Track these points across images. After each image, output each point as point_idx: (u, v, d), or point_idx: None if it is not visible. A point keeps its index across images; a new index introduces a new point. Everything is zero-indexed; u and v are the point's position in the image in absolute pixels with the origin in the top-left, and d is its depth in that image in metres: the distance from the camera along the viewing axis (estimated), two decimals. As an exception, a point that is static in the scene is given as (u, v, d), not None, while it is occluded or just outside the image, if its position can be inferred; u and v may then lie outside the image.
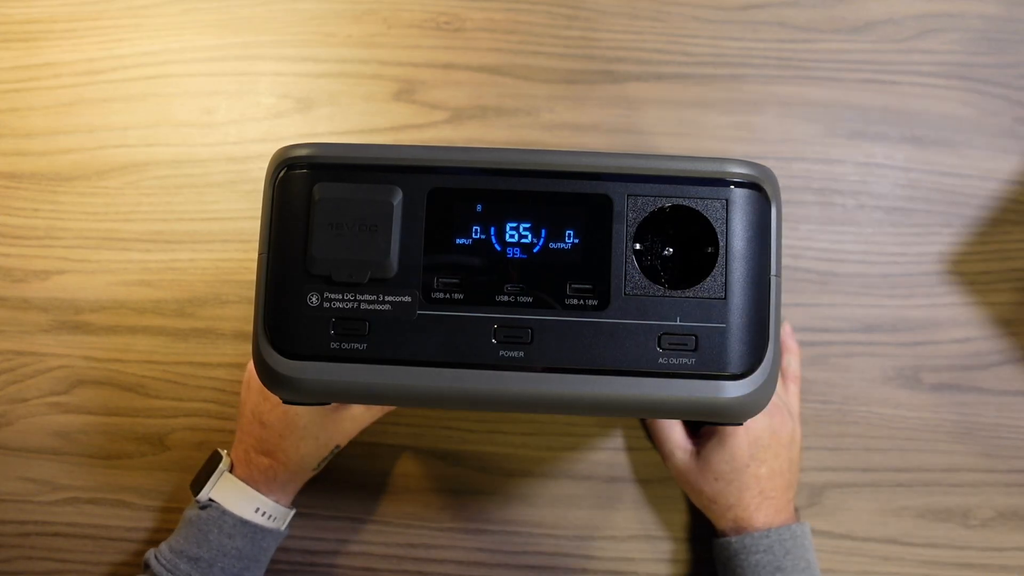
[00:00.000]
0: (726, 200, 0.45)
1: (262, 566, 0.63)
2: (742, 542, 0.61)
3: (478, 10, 0.74)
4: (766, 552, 0.60)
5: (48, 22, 0.75)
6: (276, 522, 0.63)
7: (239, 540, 0.61)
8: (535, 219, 0.46)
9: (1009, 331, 0.69)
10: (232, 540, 0.61)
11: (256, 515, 0.62)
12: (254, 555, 0.62)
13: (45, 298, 0.71)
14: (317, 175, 0.46)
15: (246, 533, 0.61)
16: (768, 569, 0.60)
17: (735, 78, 0.72)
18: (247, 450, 0.63)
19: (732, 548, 0.61)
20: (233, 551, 0.60)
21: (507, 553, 0.68)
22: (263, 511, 0.62)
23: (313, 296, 0.46)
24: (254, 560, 0.62)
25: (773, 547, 0.60)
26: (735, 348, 0.45)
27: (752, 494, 0.61)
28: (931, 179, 0.71)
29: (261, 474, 0.62)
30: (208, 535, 0.61)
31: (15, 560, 0.69)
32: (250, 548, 0.61)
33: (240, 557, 0.61)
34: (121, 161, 0.73)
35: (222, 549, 0.60)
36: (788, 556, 0.60)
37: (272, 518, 0.63)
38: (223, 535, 0.60)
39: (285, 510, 0.64)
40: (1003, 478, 0.68)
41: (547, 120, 0.72)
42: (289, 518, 0.65)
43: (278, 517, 0.63)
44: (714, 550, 0.64)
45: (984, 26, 0.73)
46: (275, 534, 0.63)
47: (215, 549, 0.60)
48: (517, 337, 0.45)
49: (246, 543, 0.61)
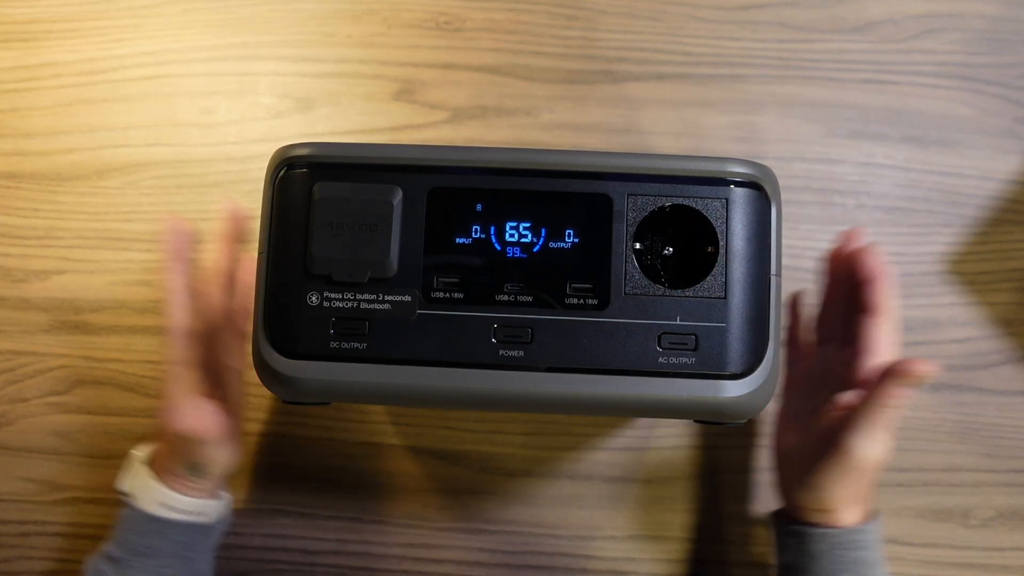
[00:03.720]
0: (726, 200, 0.46)
1: (189, 564, 0.58)
2: (848, 536, 0.55)
3: (478, 10, 0.74)
4: (871, 548, 0.56)
5: (48, 22, 0.75)
6: (190, 516, 0.58)
7: (150, 537, 0.56)
8: (535, 219, 0.46)
9: (1009, 331, 0.69)
10: (143, 537, 0.57)
11: (161, 508, 0.57)
12: (177, 552, 0.57)
13: (45, 298, 0.71)
14: (317, 174, 0.46)
15: (158, 529, 0.57)
16: (867, 565, 0.55)
17: (735, 78, 0.72)
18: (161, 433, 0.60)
19: (830, 542, 0.56)
20: (147, 549, 0.56)
21: (507, 553, 0.68)
22: (172, 506, 0.57)
23: (313, 295, 0.46)
24: (176, 557, 0.57)
25: (877, 543, 0.56)
26: (735, 347, 0.45)
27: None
28: (931, 179, 0.71)
29: (162, 459, 0.58)
30: (122, 532, 0.57)
31: (15, 560, 0.69)
32: (168, 546, 0.57)
33: (158, 555, 0.56)
34: (121, 161, 0.73)
35: (134, 548, 0.57)
36: (881, 551, 0.57)
37: (183, 511, 0.57)
38: (134, 532, 0.57)
39: (202, 502, 0.58)
40: (1003, 478, 0.68)
41: (547, 120, 0.72)
42: (214, 508, 0.60)
43: (196, 510, 0.58)
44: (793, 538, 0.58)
45: (984, 26, 0.73)
46: (199, 528, 0.58)
47: (129, 548, 0.57)
48: (517, 337, 0.45)
49: (162, 541, 0.57)
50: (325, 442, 0.69)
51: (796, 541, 0.58)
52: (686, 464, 0.69)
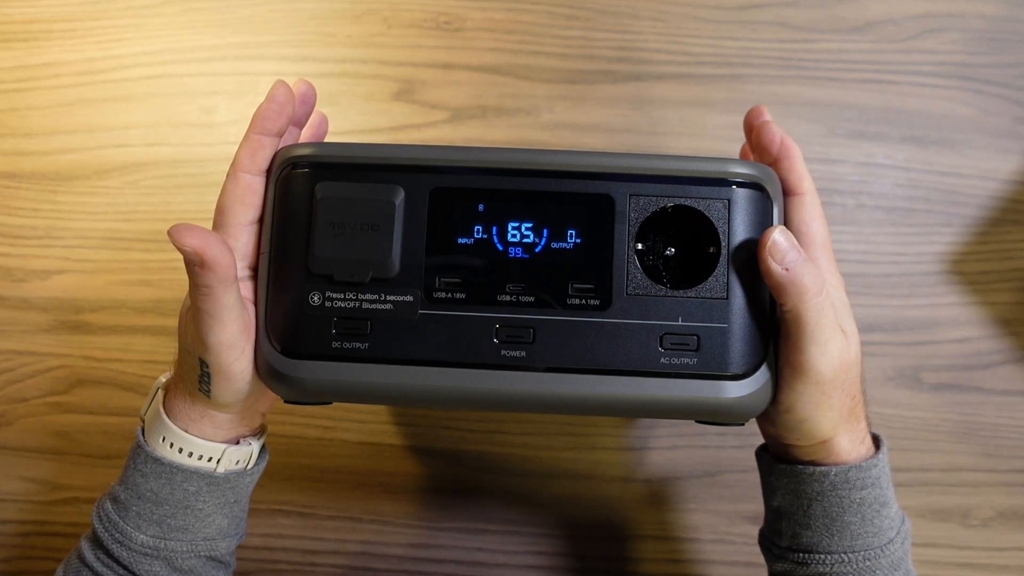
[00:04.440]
0: (728, 200, 0.46)
1: (200, 516, 0.51)
2: (845, 475, 0.48)
3: (478, 10, 0.74)
4: (874, 486, 0.49)
5: (48, 22, 0.75)
6: (201, 460, 0.51)
7: (152, 480, 0.50)
8: (537, 219, 0.46)
9: (1009, 331, 0.69)
10: (145, 479, 0.50)
11: (166, 447, 0.50)
12: (178, 500, 0.50)
13: (45, 298, 0.71)
14: (319, 174, 0.46)
15: (160, 472, 0.50)
16: (874, 506, 0.49)
17: (735, 78, 0.72)
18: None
19: (829, 481, 0.49)
20: (148, 493, 0.50)
21: (507, 553, 0.68)
22: (173, 443, 0.50)
23: (315, 295, 0.46)
24: (182, 507, 0.51)
25: (880, 479, 0.49)
26: (737, 348, 0.45)
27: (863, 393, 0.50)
28: (931, 179, 0.71)
29: (171, 395, 0.51)
30: (127, 470, 0.51)
31: (15, 560, 0.69)
32: (168, 491, 0.50)
33: (157, 501, 0.50)
34: (121, 161, 0.73)
35: (136, 489, 0.50)
36: (890, 486, 0.50)
37: (191, 454, 0.50)
38: (137, 472, 0.51)
39: (206, 443, 0.51)
40: (1003, 478, 0.68)
41: (547, 120, 0.72)
42: (225, 455, 0.51)
43: (200, 453, 0.51)
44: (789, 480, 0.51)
45: (984, 26, 0.73)
46: (204, 476, 0.51)
47: (131, 489, 0.51)
48: (519, 337, 0.45)
49: (161, 484, 0.50)
50: (325, 442, 0.69)
51: (788, 482, 0.51)
52: (686, 464, 0.69)
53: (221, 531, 0.53)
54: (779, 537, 0.53)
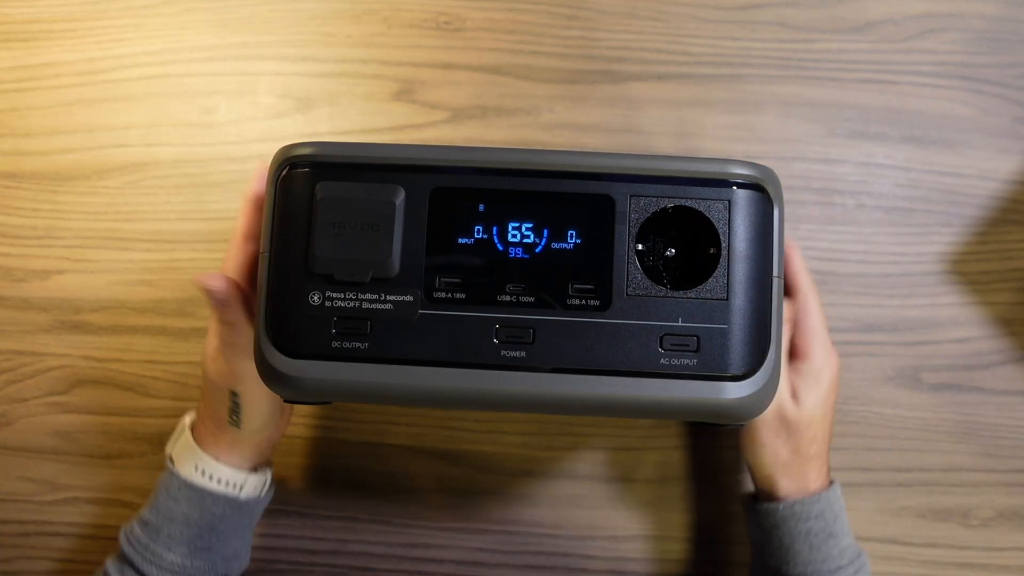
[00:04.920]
0: (728, 201, 0.46)
1: (222, 537, 0.59)
2: (791, 509, 0.57)
3: (478, 10, 0.74)
4: (818, 518, 0.57)
5: (48, 22, 0.75)
6: (227, 486, 0.58)
7: (184, 504, 0.57)
8: (537, 219, 0.46)
9: (1009, 331, 0.69)
10: (178, 504, 0.57)
11: (199, 475, 0.57)
12: (207, 523, 0.57)
13: (45, 298, 0.71)
14: (319, 174, 0.46)
15: (191, 497, 0.57)
16: (821, 536, 0.56)
17: (735, 78, 0.72)
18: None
19: (779, 515, 0.57)
20: (180, 516, 0.57)
21: (507, 553, 0.68)
22: (204, 470, 0.58)
23: (315, 295, 0.46)
24: (208, 529, 0.57)
25: (824, 512, 0.57)
26: (737, 349, 0.45)
27: (826, 445, 0.59)
28: (931, 179, 0.71)
29: (199, 430, 0.59)
30: (159, 497, 0.58)
31: (15, 560, 0.69)
32: (199, 514, 0.57)
33: (187, 523, 0.57)
34: (121, 161, 0.73)
35: (168, 513, 0.57)
36: (837, 521, 0.57)
37: (219, 480, 0.58)
38: (170, 498, 0.57)
39: (233, 471, 0.58)
40: (1003, 478, 0.68)
41: (547, 120, 0.72)
42: (248, 483, 0.59)
43: (227, 480, 0.58)
44: (754, 515, 0.60)
45: (984, 26, 0.73)
46: (230, 501, 0.58)
47: (163, 513, 0.57)
48: (519, 337, 0.45)
49: (192, 508, 0.57)
50: (325, 442, 0.69)
51: (755, 518, 0.60)
52: (686, 464, 0.69)
53: (235, 552, 0.61)
54: (755, 566, 0.62)
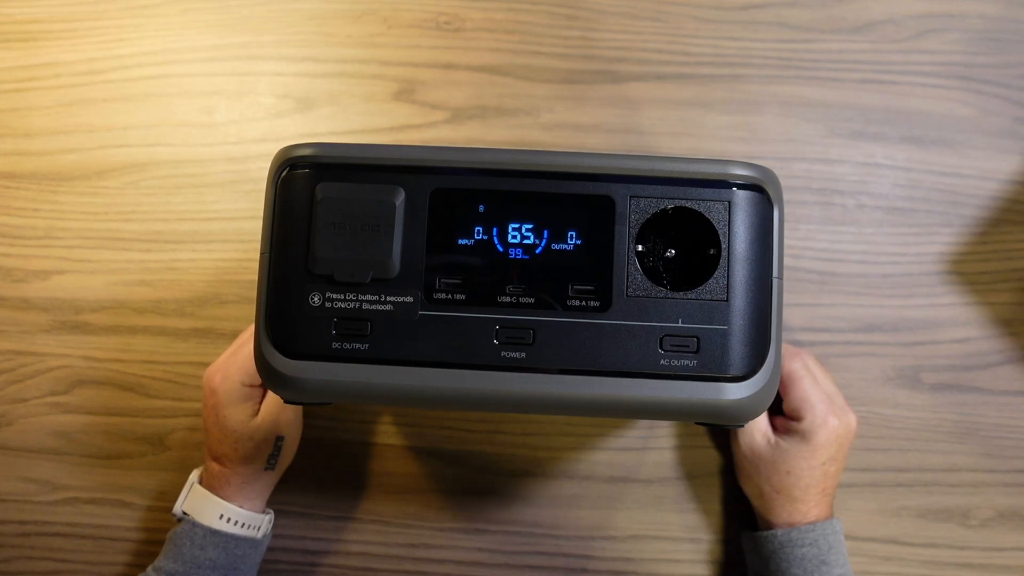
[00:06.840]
0: (728, 202, 0.45)
1: (241, 574, 0.63)
2: (788, 536, 0.60)
3: (478, 10, 0.74)
4: (812, 546, 0.60)
5: (48, 22, 0.75)
6: (249, 529, 0.63)
7: (211, 551, 0.61)
8: (537, 220, 0.46)
9: (1009, 331, 0.69)
10: (204, 551, 0.61)
11: (223, 523, 0.61)
12: (231, 564, 0.61)
13: (45, 298, 0.71)
14: (319, 175, 0.46)
15: (217, 543, 0.61)
16: (813, 563, 0.59)
17: (735, 78, 0.72)
18: (206, 458, 0.63)
19: (777, 541, 0.61)
20: (207, 562, 0.60)
21: (507, 553, 0.68)
22: (230, 518, 0.62)
23: (315, 296, 0.46)
24: (232, 569, 0.62)
25: (818, 541, 0.60)
26: (737, 350, 0.45)
27: (817, 490, 0.61)
28: (931, 179, 0.71)
29: (218, 480, 0.62)
30: (182, 548, 0.61)
31: (15, 560, 0.69)
32: (224, 557, 0.61)
33: (215, 568, 0.61)
34: (121, 161, 0.73)
35: (195, 561, 0.60)
36: (831, 551, 0.60)
37: (242, 524, 0.62)
38: (195, 547, 0.61)
39: (255, 515, 0.63)
40: (1003, 478, 0.68)
41: (547, 120, 0.72)
42: (265, 523, 0.64)
43: (249, 523, 0.63)
44: (751, 543, 0.63)
45: (984, 26, 0.73)
46: (250, 541, 0.63)
47: (189, 562, 0.60)
48: (519, 338, 0.45)
49: (219, 553, 0.61)
50: (325, 442, 0.69)
51: (752, 546, 0.63)
52: (686, 464, 0.69)
53: None
54: None
